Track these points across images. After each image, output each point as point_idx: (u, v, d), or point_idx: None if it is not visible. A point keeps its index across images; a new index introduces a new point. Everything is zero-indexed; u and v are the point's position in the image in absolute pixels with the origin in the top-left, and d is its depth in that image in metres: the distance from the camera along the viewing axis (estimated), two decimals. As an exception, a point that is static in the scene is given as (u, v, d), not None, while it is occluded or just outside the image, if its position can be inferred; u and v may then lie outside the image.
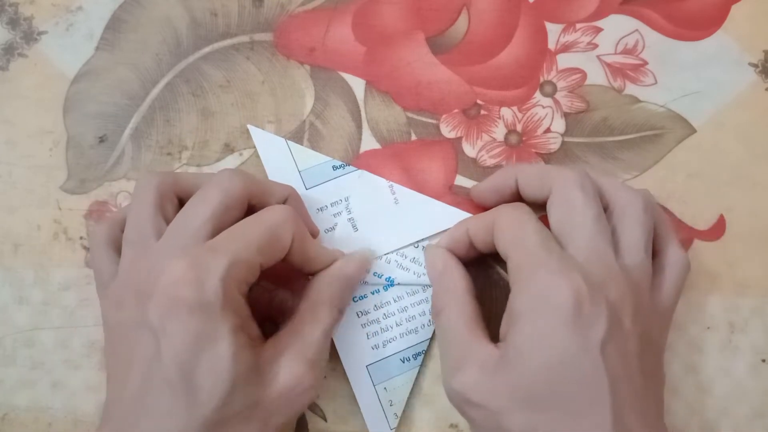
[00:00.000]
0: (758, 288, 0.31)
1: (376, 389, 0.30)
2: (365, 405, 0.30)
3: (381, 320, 0.30)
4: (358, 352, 0.30)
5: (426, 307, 0.31)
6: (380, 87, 0.33)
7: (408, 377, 0.30)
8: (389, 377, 0.30)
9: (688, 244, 0.31)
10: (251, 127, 0.32)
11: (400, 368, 0.30)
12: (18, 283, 0.31)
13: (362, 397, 0.30)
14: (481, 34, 0.33)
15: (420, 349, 0.30)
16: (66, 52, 0.33)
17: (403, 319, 0.30)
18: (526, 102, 0.33)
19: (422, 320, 0.30)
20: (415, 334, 0.30)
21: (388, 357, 0.30)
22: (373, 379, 0.30)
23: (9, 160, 0.32)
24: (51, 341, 0.31)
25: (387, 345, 0.30)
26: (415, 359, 0.30)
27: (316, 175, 0.31)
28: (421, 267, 0.31)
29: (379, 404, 0.30)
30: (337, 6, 0.33)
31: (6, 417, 0.30)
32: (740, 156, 0.32)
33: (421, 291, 0.31)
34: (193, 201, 0.26)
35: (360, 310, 0.30)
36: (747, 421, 0.30)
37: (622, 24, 0.33)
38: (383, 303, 0.31)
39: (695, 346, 0.31)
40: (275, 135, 0.32)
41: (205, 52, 0.33)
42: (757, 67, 0.33)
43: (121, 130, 0.32)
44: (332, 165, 0.32)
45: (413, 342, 0.30)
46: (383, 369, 0.30)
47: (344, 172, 0.31)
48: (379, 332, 0.30)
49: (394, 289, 0.31)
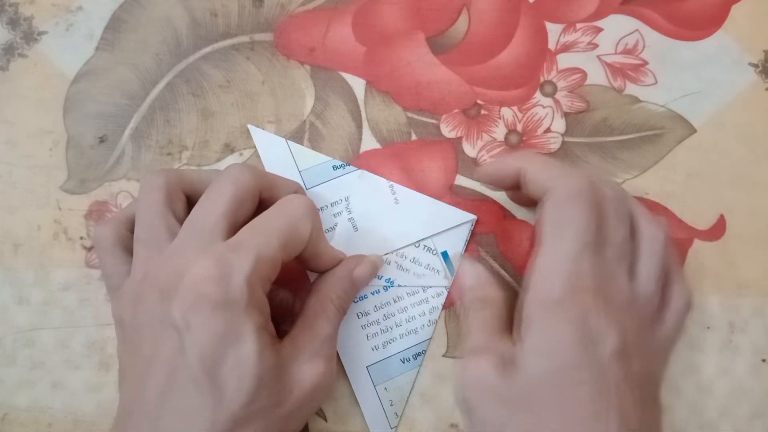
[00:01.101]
0: (758, 288, 0.31)
1: (376, 389, 0.30)
2: (366, 405, 0.30)
3: (381, 321, 0.30)
4: (359, 353, 0.30)
5: (426, 307, 0.31)
6: (380, 87, 0.33)
7: (408, 377, 0.30)
8: (389, 377, 0.30)
9: (688, 244, 0.31)
10: (251, 127, 0.32)
11: (400, 368, 0.30)
12: (18, 283, 0.31)
13: (363, 398, 0.30)
14: (481, 34, 0.33)
15: (420, 350, 0.30)
16: (66, 52, 0.33)
17: (402, 320, 0.30)
18: (527, 102, 0.33)
19: (422, 321, 0.30)
20: (414, 334, 0.30)
21: (389, 357, 0.30)
22: (374, 379, 0.30)
23: (9, 160, 0.32)
24: (51, 341, 0.31)
25: (387, 346, 0.30)
26: (415, 359, 0.30)
27: (317, 174, 0.31)
28: (421, 267, 0.31)
29: (379, 404, 0.30)
30: (337, 6, 0.33)
31: (6, 417, 0.30)
32: (740, 156, 0.32)
33: (421, 291, 0.31)
34: (206, 196, 0.26)
35: (360, 311, 0.30)
36: (747, 421, 0.30)
37: (623, 24, 0.33)
38: (383, 304, 0.31)
39: (695, 346, 0.31)
40: (275, 135, 0.32)
41: (205, 52, 0.33)
42: (757, 67, 0.33)
43: (121, 130, 0.32)
44: (332, 165, 0.32)
45: (413, 342, 0.30)
46: (383, 369, 0.30)
47: (344, 171, 0.31)
48: (379, 333, 0.30)
49: (394, 290, 0.31)
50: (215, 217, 0.25)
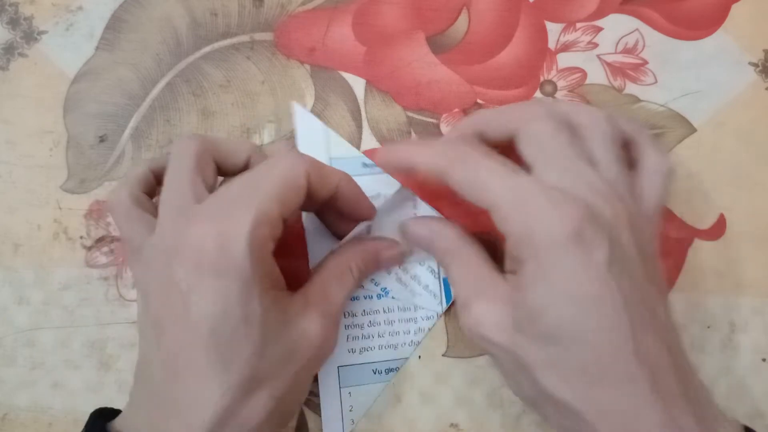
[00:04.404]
0: (758, 287, 0.31)
1: (340, 391, 0.30)
2: (326, 403, 0.29)
3: (365, 327, 0.30)
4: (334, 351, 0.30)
5: (413, 327, 0.30)
6: (380, 86, 0.33)
7: (375, 389, 0.30)
8: (357, 384, 0.30)
9: (689, 243, 0.31)
10: (296, 104, 0.32)
11: (369, 378, 0.30)
12: (18, 283, 0.31)
13: (325, 395, 0.29)
14: (482, 33, 0.33)
15: (394, 366, 0.30)
16: (66, 51, 0.33)
17: (386, 332, 0.30)
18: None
19: (404, 338, 0.30)
20: (393, 349, 0.30)
21: (362, 364, 0.30)
22: (341, 380, 0.30)
23: (9, 160, 0.32)
24: (51, 341, 0.31)
25: (364, 352, 0.30)
26: (386, 374, 0.30)
27: (345, 166, 0.30)
28: (419, 287, 0.30)
29: (339, 406, 0.30)
30: (337, 6, 0.33)
31: (6, 417, 0.30)
32: (740, 156, 0.32)
33: (412, 309, 0.30)
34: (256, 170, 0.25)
35: (348, 311, 0.30)
36: (747, 421, 0.30)
37: (623, 23, 0.33)
38: (372, 311, 0.30)
39: (696, 346, 0.31)
40: (317, 117, 0.32)
41: (205, 52, 0.33)
42: (757, 67, 0.33)
43: (121, 130, 0.32)
44: (363, 162, 0.31)
45: (390, 357, 0.30)
46: (353, 374, 0.30)
47: (372, 171, 0.31)
48: (360, 338, 0.30)
49: (387, 301, 0.30)
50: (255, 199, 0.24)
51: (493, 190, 0.24)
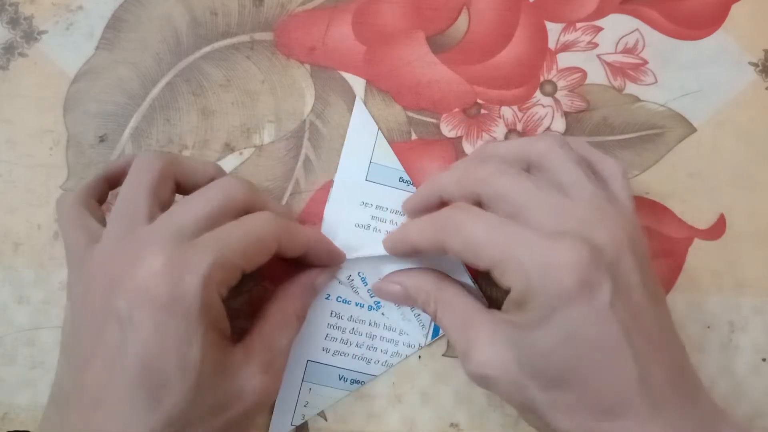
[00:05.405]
0: (758, 287, 0.31)
1: (301, 384, 0.30)
2: (283, 392, 0.29)
3: (346, 332, 0.30)
4: (309, 343, 0.30)
5: (391, 349, 0.30)
6: (380, 86, 0.33)
7: (335, 394, 0.30)
8: (319, 383, 0.30)
9: (689, 243, 0.31)
10: (359, 100, 0.32)
11: (333, 382, 0.30)
12: (18, 283, 0.31)
13: (285, 384, 0.29)
14: (482, 33, 0.33)
15: (360, 378, 0.30)
16: (66, 51, 0.33)
17: (365, 344, 0.30)
18: (527, 101, 0.33)
19: (380, 357, 0.30)
20: (366, 363, 0.30)
21: (330, 366, 0.30)
22: (306, 374, 0.30)
23: (9, 160, 0.32)
24: (51, 341, 0.31)
25: (336, 356, 0.30)
26: (351, 384, 0.30)
27: (382, 174, 0.31)
28: (411, 313, 0.30)
29: (295, 398, 0.30)
30: (337, 5, 0.33)
31: (6, 416, 0.30)
32: (740, 156, 0.32)
33: (397, 332, 0.30)
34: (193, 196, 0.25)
35: (335, 311, 0.30)
36: (747, 421, 0.30)
37: (623, 23, 0.33)
38: (358, 319, 0.30)
39: (696, 346, 0.31)
40: (372, 120, 0.32)
41: (206, 52, 0.33)
42: (757, 67, 0.33)
43: (121, 130, 0.32)
44: (400, 176, 0.31)
45: (359, 368, 0.30)
46: (319, 372, 0.30)
47: (407, 188, 0.31)
48: (337, 341, 0.30)
49: (376, 315, 0.30)
50: (192, 219, 0.24)
51: (489, 251, 0.24)
